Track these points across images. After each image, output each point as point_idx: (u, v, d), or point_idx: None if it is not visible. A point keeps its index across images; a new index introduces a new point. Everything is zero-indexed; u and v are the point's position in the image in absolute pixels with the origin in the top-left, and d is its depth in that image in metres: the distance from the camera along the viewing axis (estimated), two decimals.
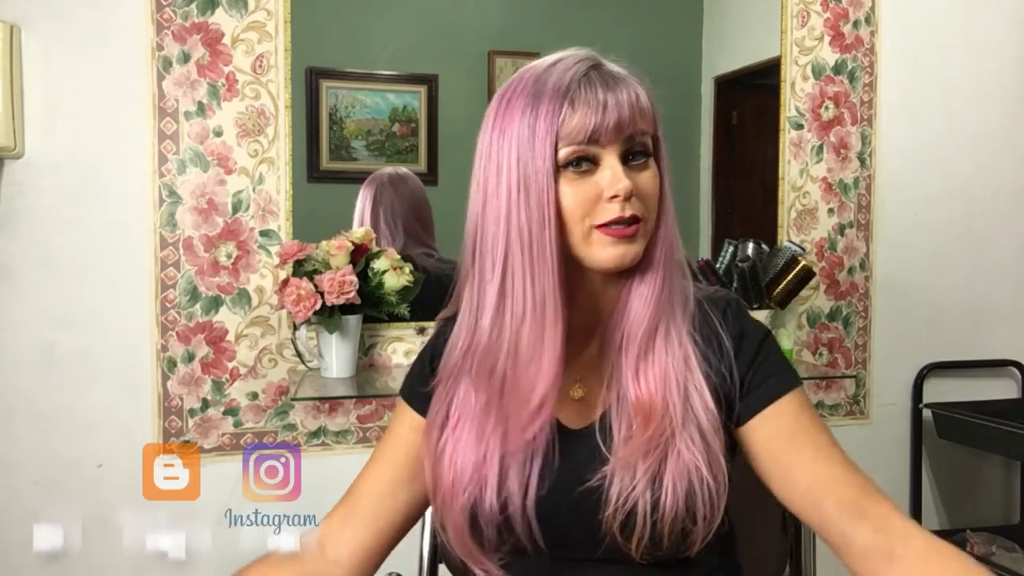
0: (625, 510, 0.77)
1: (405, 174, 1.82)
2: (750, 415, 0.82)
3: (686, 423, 0.79)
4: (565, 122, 0.75)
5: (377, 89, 1.84)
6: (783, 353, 0.87)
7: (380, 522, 0.88)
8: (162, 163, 1.59)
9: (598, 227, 0.76)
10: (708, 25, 2.04)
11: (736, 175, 2.10)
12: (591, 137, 0.75)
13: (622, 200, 0.75)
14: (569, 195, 0.76)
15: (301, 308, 1.50)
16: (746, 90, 2.06)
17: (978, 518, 2.08)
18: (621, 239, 0.76)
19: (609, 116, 0.75)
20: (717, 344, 0.83)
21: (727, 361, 0.83)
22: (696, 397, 0.80)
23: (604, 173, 0.76)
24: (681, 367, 0.81)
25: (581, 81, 0.76)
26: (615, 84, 0.76)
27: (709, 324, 0.84)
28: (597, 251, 0.77)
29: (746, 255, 1.83)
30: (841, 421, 1.99)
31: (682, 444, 0.78)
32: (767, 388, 0.82)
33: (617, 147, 0.76)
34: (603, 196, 0.76)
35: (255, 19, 1.62)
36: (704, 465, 0.77)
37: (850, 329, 1.99)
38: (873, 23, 1.95)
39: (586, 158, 0.76)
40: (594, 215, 0.76)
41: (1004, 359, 2.09)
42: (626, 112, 0.75)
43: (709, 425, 0.79)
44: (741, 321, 0.85)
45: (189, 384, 1.62)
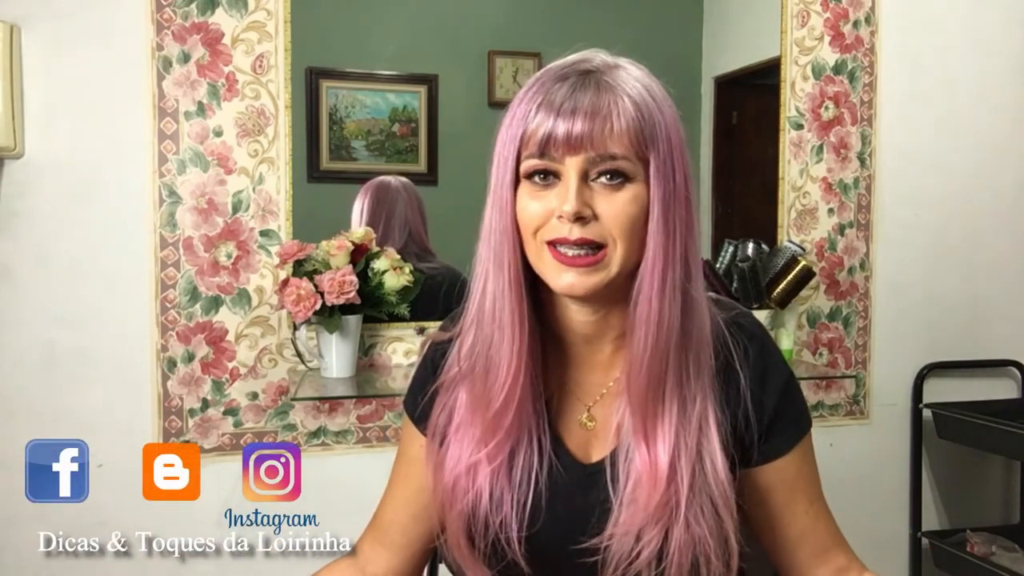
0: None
1: (408, 183, 1.82)
2: (760, 463, 0.81)
3: (697, 493, 0.74)
4: (528, 130, 0.72)
5: (377, 89, 1.84)
6: (801, 394, 0.85)
7: (412, 548, 0.87)
8: (162, 163, 1.59)
9: (549, 245, 0.72)
10: (708, 25, 2.03)
11: (736, 175, 2.10)
12: (542, 150, 0.71)
13: (569, 221, 0.70)
14: (522, 207, 0.73)
15: (301, 308, 1.50)
16: (746, 90, 2.06)
17: (978, 518, 2.08)
18: (571, 266, 0.71)
19: (559, 135, 0.70)
20: (735, 385, 0.79)
21: (743, 404, 0.79)
22: (709, 465, 0.75)
23: (560, 187, 0.72)
24: (695, 430, 0.75)
25: (556, 91, 0.71)
26: (588, 100, 0.70)
27: (728, 359, 0.79)
28: (549, 274, 0.73)
29: (746, 255, 1.83)
30: (841, 421, 1.99)
31: (691, 515, 0.74)
32: (783, 440, 0.82)
33: (575, 164, 0.70)
34: (555, 210, 0.71)
35: (255, 19, 1.62)
36: (712, 545, 0.74)
37: (850, 329, 1.99)
38: (873, 23, 1.95)
39: (548, 171, 0.72)
40: (545, 230, 0.72)
41: (1004, 359, 2.09)
42: (584, 131, 0.69)
43: (722, 501, 0.75)
44: (765, 361, 0.81)
45: (189, 384, 1.62)
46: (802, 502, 0.83)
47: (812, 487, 0.84)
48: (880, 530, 2.01)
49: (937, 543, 1.96)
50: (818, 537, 0.83)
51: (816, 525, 0.83)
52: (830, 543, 0.84)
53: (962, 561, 1.89)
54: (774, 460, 0.82)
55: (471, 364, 0.79)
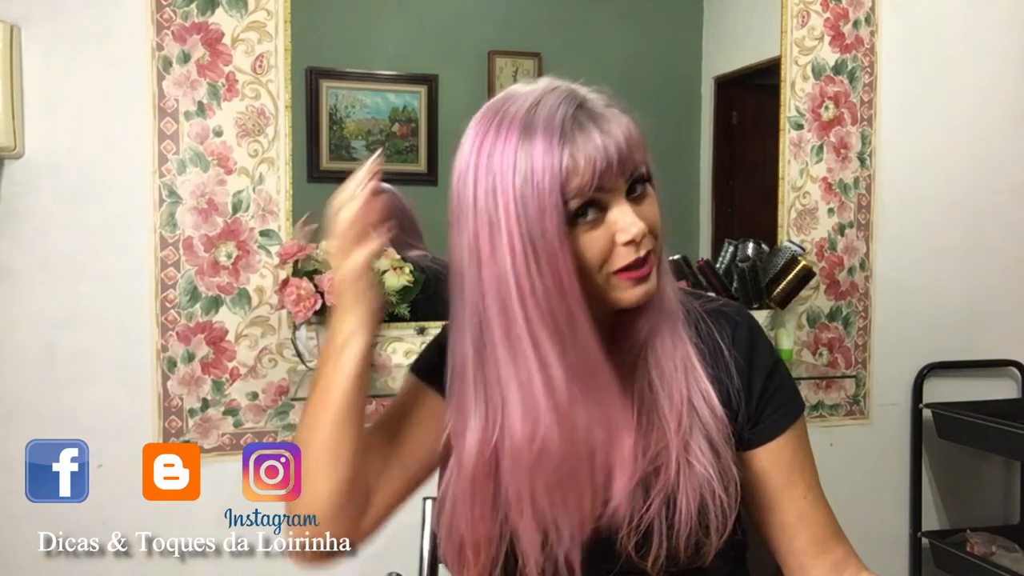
0: (640, 531, 0.76)
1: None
2: (755, 445, 0.83)
3: (694, 433, 0.77)
4: (568, 175, 0.69)
5: (377, 89, 1.84)
6: (791, 377, 0.87)
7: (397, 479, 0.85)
8: (162, 163, 1.59)
9: (616, 272, 0.73)
10: (708, 25, 2.04)
11: (736, 175, 2.09)
12: (598, 186, 0.70)
13: (638, 241, 0.72)
14: (585, 248, 0.71)
15: (301, 308, 1.50)
16: (746, 90, 2.06)
17: (978, 518, 2.08)
18: (640, 280, 0.74)
19: (612, 160, 0.70)
20: (724, 363, 0.81)
21: (733, 382, 0.81)
22: (703, 403, 0.78)
23: (614, 218, 0.72)
24: (681, 379, 0.78)
25: (574, 127, 0.70)
26: (605, 123, 0.71)
27: (713, 339, 0.82)
28: (619, 295, 0.74)
29: (746, 255, 1.83)
30: (841, 421, 1.99)
31: (692, 457, 0.76)
32: (776, 420, 0.83)
33: (622, 187, 0.72)
34: (617, 241, 0.72)
35: (255, 19, 1.62)
36: (716, 478, 0.76)
37: (850, 329, 1.99)
38: (873, 23, 1.95)
39: (593, 204, 0.71)
40: (611, 262, 0.73)
41: (1004, 359, 2.09)
42: (625, 151, 0.71)
43: (719, 434, 0.78)
44: (752, 342, 0.84)
45: (189, 384, 1.62)
46: (800, 486, 0.83)
47: (809, 473, 0.85)
48: (880, 530, 2.01)
49: (937, 543, 1.96)
50: (817, 524, 0.84)
51: (815, 511, 0.84)
52: (829, 533, 0.84)
53: (962, 561, 1.88)
54: (769, 442, 0.83)
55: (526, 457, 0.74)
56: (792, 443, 0.84)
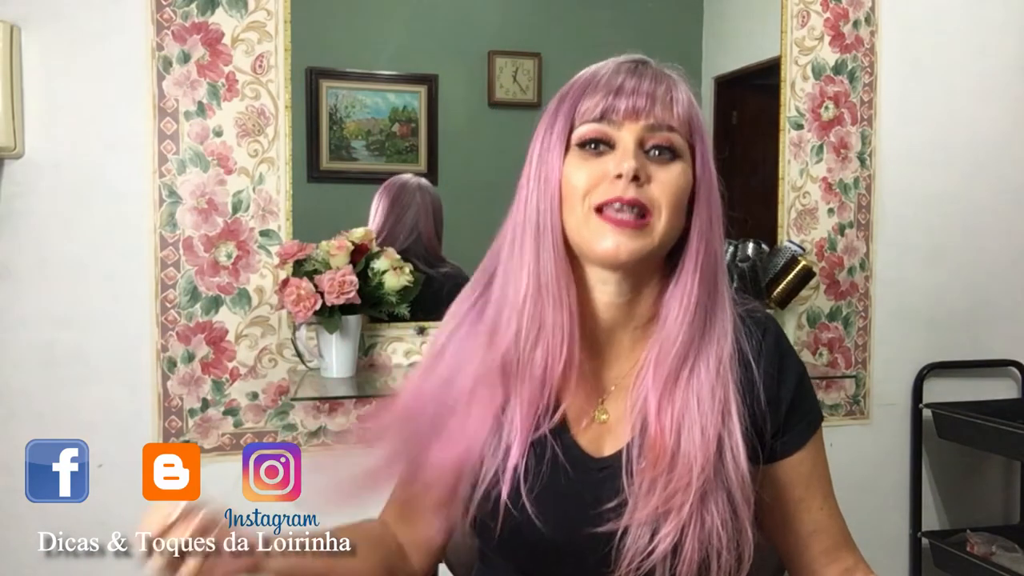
0: (639, 573, 0.73)
1: (426, 184, 1.81)
2: (777, 458, 0.81)
3: (716, 486, 0.73)
4: (583, 102, 0.74)
5: (377, 89, 1.84)
6: (813, 387, 0.86)
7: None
8: (162, 163, 1.59)
9: (597, 210, 0.72)
10: (708, 25, 2.04)
11: (736, 175, 2.09)
12: (603, 114, 0.73)
13: (626, 180, 0.71)
14: (572, 172, 0.74)
15: (301, 308, 1.50)
16: (746, 90, 2.06)
17: (978, 518, 2.08)
18: (619, 227, 0.71)
19: (625, 96, 0.73)
20: (750, 378, 0.78)
21: (759, 397, 0.78)
22: (730, 456, 0.74)
23: (616, 153, 0.73)
24: (717, 417, 0.74)
25: (611, 70, 0.75)
26: (650, 77, 0.74)
27: (743, 351, 0.79)
28: (593, 239, 0.72)
29: (746, 255, 1.83)
30: (841, 421, 1.99)
31: (707, 508, 0.72)
32: (799, 433, 0.82)
33: (634, 131, 0.73)
34: (609, 175, 0.72)
35: (255, 19, 1.62)
36: (726, 539, 0.72)
37: (850, 329, 1.99)
38: (873, 23, 1.95)
39: (602, 140, 0.73)
40: (595, 194, 0.73)
41: (1004, 359, 2.09)
42: (644, 100, 0.73)
43: (739, 492, 0.73)
44: (780, 354, 0.82)
45: (189, 384, 1.62)
46: (817, 498, 0.83)
47: (826, 483, 0.84)
48: (880, 530, 2.01)
49: (937, 543, 1.96)
50: (831, 534, 0.83)
51: (830, 522, 0.83)
52: (840, 541, 0.84)
53: (962, 561, 1.89)
54: (791, 455, 0.82)
55: (496, 343, 0.76)
56: (812, 455, 0.83)
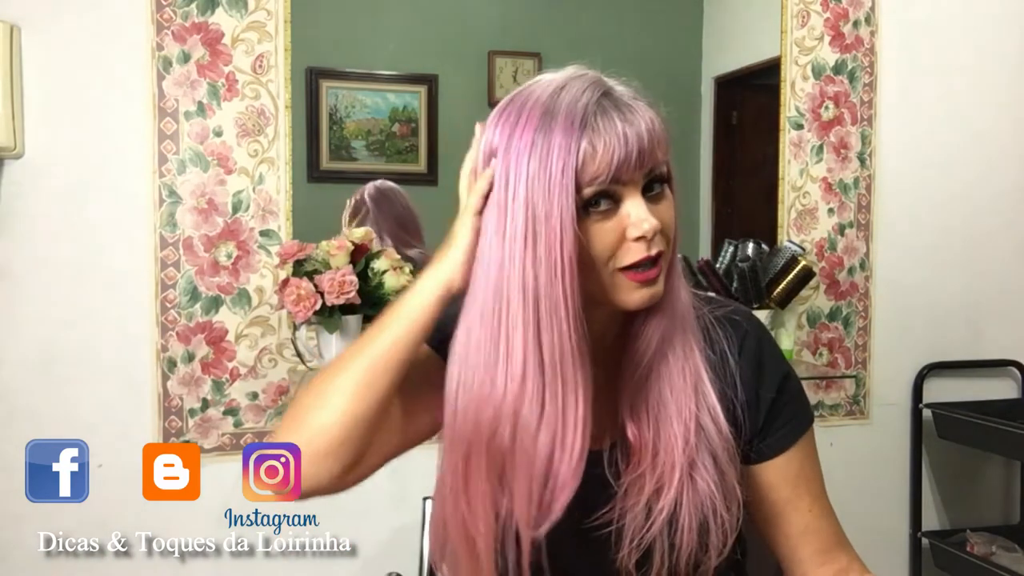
0: (641, 550, 0.75)
1: (387, 189, 1.81)
2: (761, 459, 0.82)
3: (699, 450, 0.76)
4: (585, 161, 0.68)
5: (377, 89, 1.84)
6: (802, 389, 0.86)
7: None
8: (162, 163, 1.59)
9: (622, 270, 0.71)
10: (708, 25, 2.04)
11: (736, 175, 2.10)
12: (614, 176, 0.69)
13: (649, 239, 0.70)
14: (593, 239, 0.70)
15: (301, 308, 1.50)
16: (746, 90, 2.06)
17: (978, 518, 2.08)
18: (647, 282, 0.71)
19: (631, 151, 0.68)
20: (730, 374, 0.80)
21: (738, 395, 0.80)
22: (709, 421, 0.76)
23: (627, 211, 0.70)
24: (691, 394, 0.76)
25: (596, 113, 0.69)
26: (630, 113, 0.70)
27: (720, 348, 0.80)
28: (623, 296, 0.72)
29: (746, 255, 1.83)
30: (841, 421, 1.99)
31: (697, 474, 0.75)
32: (783, 435, 0.82)
33: (639, 182, 0.71)
34: (627, 236, 0.70)
35: (255, 19, 1.62)
36: (719, 498, 0.75)
37: (850, 329, 1.99)
38: (873, 23, 1.95)
39: (607, 195, 0.70)
40: (618, 257, 0.71)
41: (1004, 359, 2.09)
42: (646, 144, 0.69)
43: (724, 453, 0.76)
44: (760, 353, 0.82)
45: (189, 384, 1.62)
46: (805, 499, 0.83)
47: (815, 484, 0.84)
48: (880, 530, 2.01)
49: (937, 543, 1.96)
50: (822, 535, 0.83)
51: (820, 523, 0.84)
52: (833, 542, 0.84)
53: (962, 561, 1.88)
54: (775, 457, 0.82)
55: (479, 417, 0.72)
56: (799, 457, 0.83)
